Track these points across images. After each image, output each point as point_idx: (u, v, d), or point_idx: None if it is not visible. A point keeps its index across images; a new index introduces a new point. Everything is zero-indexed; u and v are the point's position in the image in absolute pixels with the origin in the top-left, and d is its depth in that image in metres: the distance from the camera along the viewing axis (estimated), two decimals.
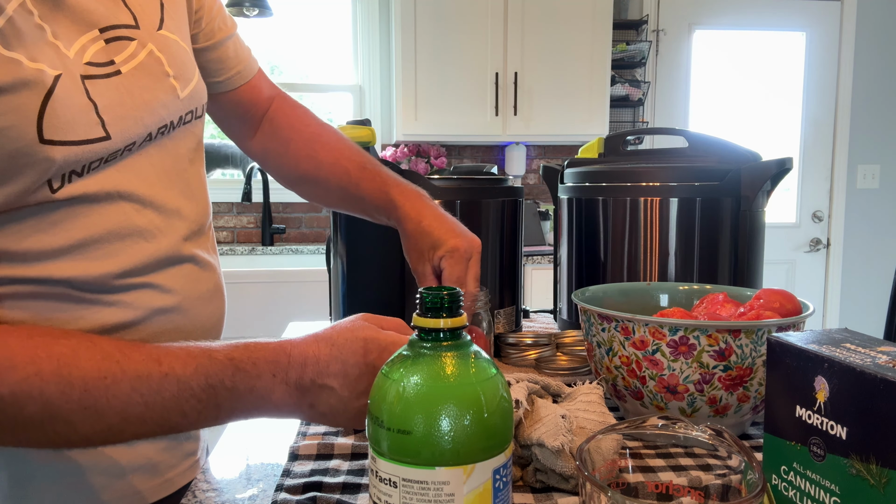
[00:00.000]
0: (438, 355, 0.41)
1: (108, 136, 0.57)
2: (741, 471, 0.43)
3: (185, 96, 0.66)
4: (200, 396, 0.50)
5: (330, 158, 0.86)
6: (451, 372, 0.41)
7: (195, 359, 0.50)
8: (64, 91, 0.53)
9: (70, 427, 0.48)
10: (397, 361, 0.42)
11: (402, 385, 0.40)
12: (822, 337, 0.48)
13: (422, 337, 0.42)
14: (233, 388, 0.50)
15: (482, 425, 0.39)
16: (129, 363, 0.48)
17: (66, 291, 0.58)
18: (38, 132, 0.51)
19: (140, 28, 0.63)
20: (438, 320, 0.42)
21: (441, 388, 0.40)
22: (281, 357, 0.52)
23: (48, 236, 0.56)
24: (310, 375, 0.52)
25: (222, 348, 0.52)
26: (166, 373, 0.49)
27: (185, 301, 0.67)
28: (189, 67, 0.68)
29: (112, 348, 0.49)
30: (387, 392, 0.41)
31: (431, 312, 0.42)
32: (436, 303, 0.42)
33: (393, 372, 0.42)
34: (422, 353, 0.42)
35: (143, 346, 0.50)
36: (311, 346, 0.53)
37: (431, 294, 0.42)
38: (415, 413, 0.39)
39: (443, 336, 0.42)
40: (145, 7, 0.64)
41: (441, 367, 0.41)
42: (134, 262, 0.61)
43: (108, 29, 0.59)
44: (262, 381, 0.51)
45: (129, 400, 0.48)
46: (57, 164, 0.53)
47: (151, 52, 0.63)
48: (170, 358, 0.50)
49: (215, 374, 0.50)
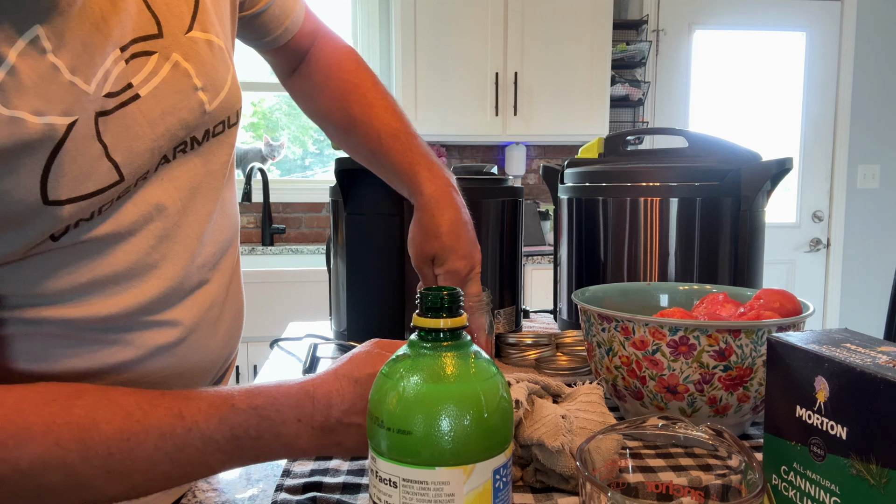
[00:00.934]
0: (438, 355, 0.41)
1: (122, 178, 0.52)
2: (741, 471, 0.43)
3: (213, 108, 0.60)
4: (225, 449, 0.48)
5: (363, 116, 0.82)
6: (451, 372, 0.41)
7: (218, 410, 0.48)
8: (74, 143, 0.48)
9: (93, 492, 0.46)
10: (397, 362, 0.42)
11: (402, 385, 0.40)
12: (822, 337, 0.48)
13: (422, 337, 0.42)
14: (258, 438, 0.49)
15: (482, 425, 0.39)
16: (151, 421, 0.46)
17: (64, 332, 0.54)
18: (42, 194, 0.47)
19: (164, 36, 0.55)
20: (438, 320, 0.41)
21: (441, 389, 0.40)
22: (305, 401, 0.50)
23: (50, 281, 0.52)
24: (336, 416, 0.51)
25: (243, 395, 0.50)
26: (189, 427, 0.47)
27: (194, 334, 0.63)
28: (221, 72, 0.61)
29: (132, 405, 0.47)
30: (386, 392, 0.41)
31: (431, 312, 0.42)
32: (436, 303, 0.42)
33: (393, 372, 0.41)
34: (422, 353, 0.42)
35: (162, 399, 0.48)
36: (333, 384, 0.52)
37: (432, 294, 0.42)
38: (415, 413, 0.39)
39: (443, 336, 0.42)
40: (173, 7, 0.57)
41: (441, 368, 0.41)
42: (140, 300, 0.57)
43: (128, 45, 0.52)
44: (287, 428, 0.50)
45: (153, 459, 0.46)
46: (63, 221, 0.49)
47: (177, 63, 0.56)
48: (192, 411, 0.48)
49: (240, 426, 0.48)
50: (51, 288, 0.52)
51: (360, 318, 1.02)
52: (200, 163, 0.61)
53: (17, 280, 0.51)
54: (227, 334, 0.70)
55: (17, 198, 0.46)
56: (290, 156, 3.53)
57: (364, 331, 1.02)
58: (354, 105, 0.83)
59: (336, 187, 1.03)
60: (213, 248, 0.65)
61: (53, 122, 0.46)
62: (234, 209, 0.70)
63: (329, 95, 0.85)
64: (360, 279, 1.01)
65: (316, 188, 3.36)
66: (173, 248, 0.59)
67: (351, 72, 0.86)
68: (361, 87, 0.84)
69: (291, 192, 3.32)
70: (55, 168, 0.47)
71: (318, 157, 3.59)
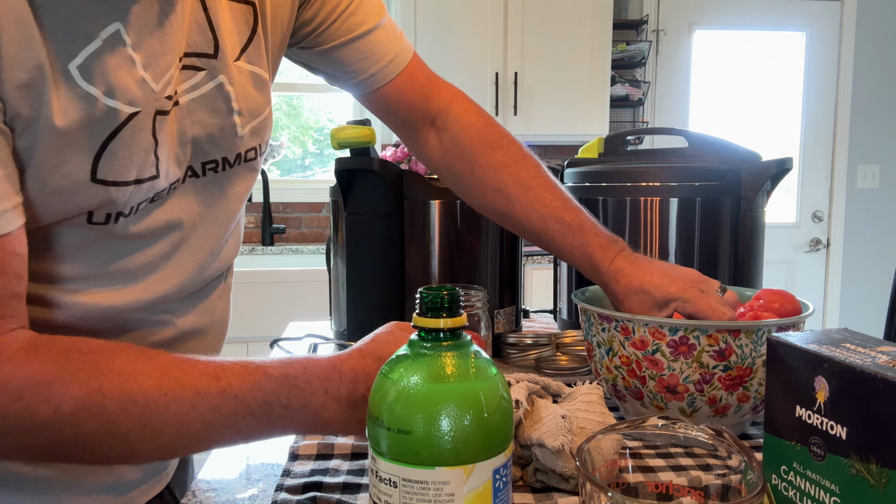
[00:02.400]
0: (438, 355, 0.41)
1: (157, 175, 0.55)
2: (741, 471, 0.43)
3: (245, 133, 0.63)
4: (256, 413, 0.49)
5: (523, 198, 0.78)
6: (450, 372, 0.41)
7: (252, 374, 0.50)
8: (131, 131, 0.51)
9: (126, 445, 0.47)
10: (397, 361, 0.42)
11: (402, 385, 0.40)
12: (822, 337, 0.48)
13: (422, 337, 0.42)
14: (287, 406, 0.50)
15: (482, 425, 0.39)
16: (188, 378, 0.47)
17: (68, 317, 0.56)
18: (92, 171, 0.50)
19: (217, 58, 0.58)
20: (438, 320, 0.41)
21: (441, 388, 0.40)
22: (332, 374, 0.52)
23: (72, 264, 0.54)
24: (361, 391, 0.52)
25: (277, 364, 0.51)
26: (224, 389, 0.48)
27: (185, 337, 0.65)
28: (261, 103, 0.64)
29: (169, 363, 0.48)
30: (387, 392, 0.41)
31: (431, 312, 0.42)
32: (436, 302, 0.42)
33: (393, 372, 0.42)
34: (422, 353, 0.42)
35: (198, 361, 0.49)
36: (358, 361, 0.53)
37: (431, 294, 0.42)
38: (415, 413, 0.39)
39: (443, 336, 0.42)
40: (230, 36, 0.60)
41: (441, 367, 0.41)
42: (142, 297, 0.59)
43: (185, 56, 0.56)
44: (315, 398, 0.51)
45: (188, 417, 0.47)
46: (102, 202, 0.52)
47: (220, 85, 0.59)
48: (227, 373, 0.49)
49: (271, 392, 0.50)
50: (79, 272, 0.54)
51: (360, 318, 1.02)
52: (228, 184, 0.64)
53: (43, 252, 0.53)
54: (214, 342, 0.72)
55: (69, 170, 0.48)
56: (290, 156, 3.53)
57: (364, 331, 1.02)
58: (510, 185, 0.79)
59: (336, 187, 1.03)
60: (221, 264, 0.68)
61: (118, 108, 0.49)
62: (240, 233, 0.73)
63: (481, 173, 0.80)
64: (360, 279, 1.01)
65: (316, 188, 3.36)
66: (187, 256, 0.62)
67: (497, 145, 0.82)
68: (514, 166, 0.80)
69: (291, 192, 3.32)
70: (108, 150, 0.50)
71: (318, 157, 3.59)
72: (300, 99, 3.53)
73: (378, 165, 0.95)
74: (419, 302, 0.42)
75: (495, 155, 0.81)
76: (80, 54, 0.47)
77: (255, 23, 0.62)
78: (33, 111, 0.46)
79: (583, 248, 0.76)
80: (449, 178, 0.86)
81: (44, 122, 0.46)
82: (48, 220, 0.50)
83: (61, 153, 0.48)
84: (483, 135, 0.82)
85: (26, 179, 0.47)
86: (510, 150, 0.82)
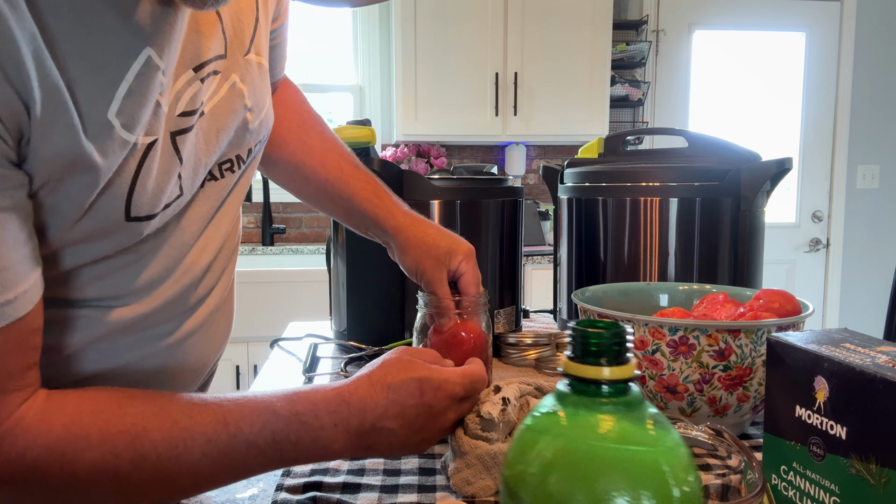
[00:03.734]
0: (603, 414, 0.31)
1: (181, 193, 0.54)
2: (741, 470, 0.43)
3: (254, 128, 0.63)
4: (267, 453, 0.50)
5: (321, 147, 0.82)
6: (622, 437, 0.31)
7: (260, 416, 0.50)
8: (154, 160, 0.49)
9: (139, 495, 0.48)
10: (543, 420, 0.33)
11: (554, 452, 0.31)
12: (822, 337, 0.48)
13: (575, 388, 0.32)
14: (297, 442, 0.51)
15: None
16: (198, 428, 0.48)
17: (93, 331, 0.55)
18: (126, 210, 0.49)
19: (227, 57, 0.57)
20: (601, 368, 0.31)
21: (612, 460, 0.30)
22: (341, 407, 0.52)
23: (106, 284, 0.53)
24: (370, 421, 0.52)
25: (284, 401, 0.51)
26: (234, 433, 0.49)
27: (193, 337, 0.65)
28: (265, 93, 0.64)
29: (179, 413, 0.48)
30: (532, 461, 0.31)
31: (591, 358, 0.32)
32: (599, 344, 0.32)
33: (539, 433, 0.32)
34: (579, 410, 0.32)
35: (207, 405, 0.50)
36: (367, 390, 0.53)
37: (591, 332, 0.32)
38: (575, 492, 0.30)
39: (607, 389, 0.32)
40: (238, 30, 0.58)
41: (608, 431, 0.31)
42: (156, 303, 0.58)
43: (201, 66, 0.53)
44: (325, 432, 0.51)
45: (199, 465, 0.48)
46: (136, 236, 0.51)
47: (234, 84, 0.58)
48: (236, 417, 0.49)
49: (281, 431, 0.50)
50: (97, 291, 0.53)
51: (360, 318, 1.02)
52: (233, 179, 0.64)
53: (75, 283, 0.52)
54: (220, 339, 0.72)
55: (105, 214, 0.48)
56: None
57: (364, 331, 1.02)
58: (314, 137, 0.83)
59: None
60: (226, 254, 0.68)
61: (139, 142, 0.48)
62: (241, 217, 0.72)
63: (287, 126, 0.83)
64: (360, 279, 1.01)
65: None
66: (196, 256, 0.61)
67: (307, 112, 0.86)
68: (318, 126, 0.85)
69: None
70: (138, 185, 0.49)
71: None
72: None
73: (378, 165, 0.95)
74: (574, 341, 0.32)
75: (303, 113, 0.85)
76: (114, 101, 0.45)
77: (257, 10, 0.62)
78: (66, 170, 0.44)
79: (375, 191, 0.79)
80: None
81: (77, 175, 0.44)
82: (81, 262, 0.50)
83: (95, 200, 0.47)
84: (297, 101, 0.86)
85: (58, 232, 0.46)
86: (316, 118, 0.86)
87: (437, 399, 0.54)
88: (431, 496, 0.59)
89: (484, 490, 0.57)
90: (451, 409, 0.56)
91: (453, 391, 0.55)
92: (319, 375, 0.94)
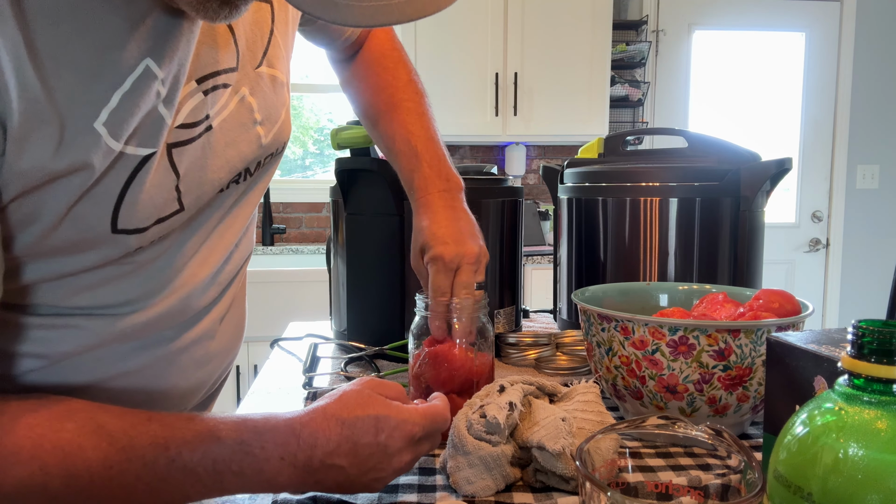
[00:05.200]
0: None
1: (182, 209, 0.53)
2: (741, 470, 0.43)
3: (267, 142, 0.62)
4: (206, 482, 0.48)
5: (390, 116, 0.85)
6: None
7: (203, 442, 0.48)
8: (146, 173, 0.48)
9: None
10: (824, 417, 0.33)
11: (844, 451, 0.31)
12: (822, 337, 0.48)
13: (859, 386, 0.32)
14: (240, 473, 0.49)
15: None
16: (135, 450, 0.46)
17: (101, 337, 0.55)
18: (112, 223, 0.48)
19: (238, 70, 0.56)
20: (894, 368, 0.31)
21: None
22: (290, 439, 0.50)
23: (101, 294, 0.53)
24: (319, 457, 0.50)
25: (230, 428, 0.49)
26: (173, 458, 0.47)
27: (201, 341, 0.65)
28: (278, 107, 0.63)
29: (118, 432, 0.47)
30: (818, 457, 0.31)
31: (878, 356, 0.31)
32: (886, 342, 0.31)
33: (824, 433, 0.32)
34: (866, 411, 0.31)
35: (149, 426, 0.48)
36: (320, 423, 0.51)
37: (878, 331, 0.32)
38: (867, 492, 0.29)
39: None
40: (252, 42, 0.58)
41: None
42: (161, 310, 0.58)
43: (206, 79, 0.52)
44: (269, 465, 0.49)
45: (133, 489, 0.46)
46: (124, 250, 0.50)
47: (244, 98, 0.57)
48: (177, 441, 0.47)
49: (223, 460, 0.48)
50: (91, 299, 0.53)
51: (360, 318, 1.02)
52: (244, 188, 0.63)
53: (63, 290, 0.51)
54: (226, 350, 0.71)
55: (88, 224, 0.46)
56: (291, 156, 3.53)
57: (364, 331, 1.02)
58: (382, 103, 0.85)
59: (336, 187, 1.03)
60: (234, 266, 0.67)
61: (132, 153, 0.47)
62: (254, 228, 0.72)
63: (366, 88, 0.88)
64: (360, 279, 1.01)
65: (316, 188, 3.36)
66: (202, 262, 0.61)
67: (389, 69, 0.88)
68: (393, 85, 0.87)
69: (292, 192, 3.33)
70: (128, 197, 0.48)
71: (318, 157, 3.59)
72: (300, 99, 3.53)
73: (378, 165, 0.95)
74: (856, 339, 0.32)
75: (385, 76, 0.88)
76: (102, 112, 0.44)
77: (272, 22, 0.61)
78: (43, 181, 0.43)
79: (412, 173, 0.80)
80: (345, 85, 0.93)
81: (59, 187, 0.44)
82: (68, 271, 0.49)
83: (78, 209, 0.46)
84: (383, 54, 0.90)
85: (40, 239, 0.46)
86: (397, 73, 0.89)
87: (393, 439, 0.52)
88: (431, 496, 0.59)
89: (484, 490, 0.57)
90: (407, 451, 0.54)
91: (411, 432, 0.53)
92: (319, 375, 0.94)
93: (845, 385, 0.33)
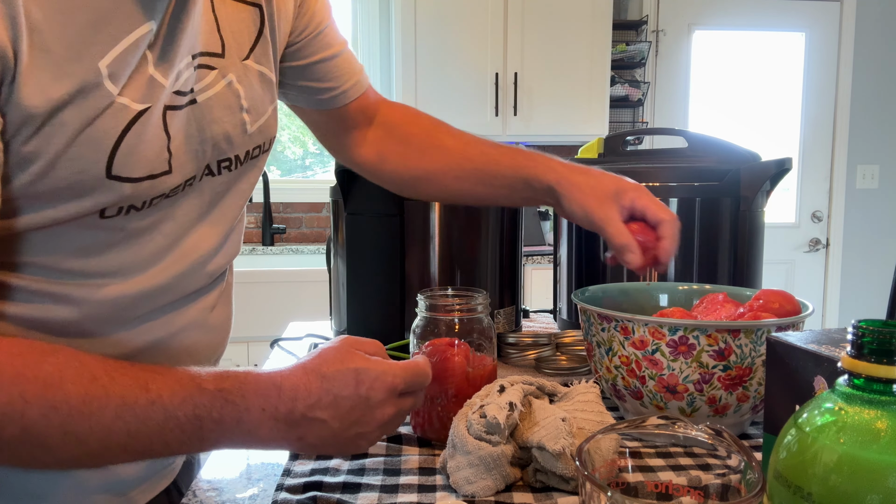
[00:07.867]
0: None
1: (170, 171, 0.55)
2: (740, 470, 0.43)
3: (253, 131, 0.64)
4: (186, 427, 0.48)
5: (458, 144, 0.85)
6: None
7: (184, 388, 0.48)
8: (142, 126, 0.52)
9: (47, 451, 0.46)
10: (826, 416, 0.32)
11: (844, 451, 0.30)
12: (822, 337, 0.48)
13: (858, 386, 0.32)
14: (220, 421, 0.49)
15: None
16: (116, 388, 0.46)
17: (78, 312, 0.56)
18: (108, 167, 0.50)
19: (224, 57, 0.60)
20: (894, 368, 0.31)
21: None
22: (271, 391, 0.50)
23: (93, 260, 0.54)
24: (300, 409, 0.51)
25: (212, 378, 0.50)
26: (153, 400, 0.47)
27: (185, 332, 0.65)
28: (266, 101, 0.66)
29: (99, 370, 0.47)
30: (818, 455, 0.31)
31: (877, 357, 0.31)
32: (886, 343, 0.31)
33: (824, 433, 0.32)
34: (865, 411, 0.31)
35: (131, 368, 0.48)
36: (300, 377, 0.52)
37: (879, 330, 0.31)
38: (867, 492, 0.29)
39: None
40: (237, 35, 0.62)
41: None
42: (144, 287, 0.59)
43: (199, 55, 0.57)
44: (250, 415, 0.50)
45: (112, 427, 0.46)
46: (117, 198, 0.52)
47: (231, 83, 0.61)
48: (157, 384, 0.48)
49: (203, 406, 0.48)
50: (92, 266, 0.55)
51: (360, 318, 1.02)
52: (234, 180, 0.65)
53: (56, 248, 0.53)
54: (218, 338, 0.72)
55: (84, 166, 0.49)
56: (291, 156, 3.53)
57: (364, 331, 1.02)
58: (446, 138, 0.86)
59: (336, 187, 1.03)
60: (223, 260, 0.68)
61: (126, 103, 0.50)
62: (243, 230, 0.73)
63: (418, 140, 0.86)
64: (360, 279, 1.01)
65: (316, 188, 3.36)
66: (189, 249, 0.62)
67: (426, 117, 0.89)
68: (443, 126, 0.88)
69: (292, 192, 3.33)
70: (123, 146, 0.51)
71: (318, 157, 3.59)
72: None
73: None
74: (854, 339, 0.32)
75: (425, 122, 0.88)
76: (108, 55, 0.48)
77: (262, 24, 0.65)
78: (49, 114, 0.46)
79: (523, 160, 0.81)
80: (384, 164, 0.87)
81: (58, 123, 0.47)
82: (62, 217, 0.50)
83: (76, 149, 0.48)
84: (413, 115, 0.90)
85: (37, 178, 0.48)
86: (435, 119, 0.89)
87: (374, 391, 0.52)
88: (431, 496, 0.59)
89: (484, 490, 0.58)
90: (390, 403, 0.54)
91: (392, 383, 0.54)
92: None
93: (845, 385, 0.33)
